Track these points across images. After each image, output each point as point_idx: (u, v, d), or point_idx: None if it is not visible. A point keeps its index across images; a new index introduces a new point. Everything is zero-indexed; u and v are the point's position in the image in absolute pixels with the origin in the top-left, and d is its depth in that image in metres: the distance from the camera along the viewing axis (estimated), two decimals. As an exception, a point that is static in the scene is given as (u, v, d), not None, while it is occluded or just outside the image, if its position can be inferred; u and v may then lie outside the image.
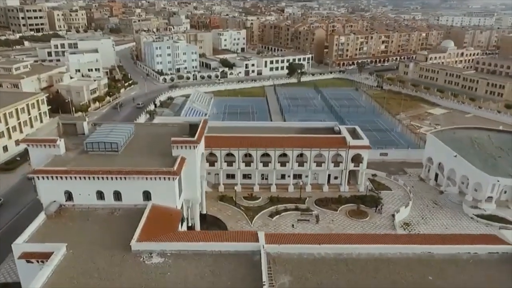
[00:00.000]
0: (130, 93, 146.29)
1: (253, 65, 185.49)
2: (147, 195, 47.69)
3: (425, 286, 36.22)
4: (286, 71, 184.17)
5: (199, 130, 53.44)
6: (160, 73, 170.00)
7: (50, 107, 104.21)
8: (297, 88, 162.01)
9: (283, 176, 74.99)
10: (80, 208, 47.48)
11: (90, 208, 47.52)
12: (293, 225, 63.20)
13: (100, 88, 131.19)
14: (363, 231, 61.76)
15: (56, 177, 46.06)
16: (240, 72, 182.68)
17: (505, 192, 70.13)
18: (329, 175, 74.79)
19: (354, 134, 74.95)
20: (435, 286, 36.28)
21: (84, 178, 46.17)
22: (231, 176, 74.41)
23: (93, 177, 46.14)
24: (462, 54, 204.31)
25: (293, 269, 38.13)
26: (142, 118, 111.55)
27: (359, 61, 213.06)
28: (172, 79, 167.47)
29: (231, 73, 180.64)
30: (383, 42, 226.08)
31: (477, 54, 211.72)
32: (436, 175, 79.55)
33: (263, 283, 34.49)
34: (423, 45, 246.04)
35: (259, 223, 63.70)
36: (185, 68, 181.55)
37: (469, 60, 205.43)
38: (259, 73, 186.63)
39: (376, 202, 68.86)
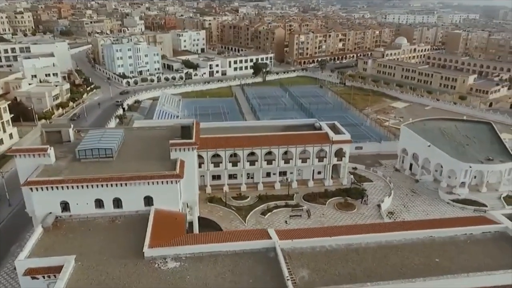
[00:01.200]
0: (93, 98, 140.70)
1: (217, 65, 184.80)
2: (148, 201, 46.73)
3: (433, 268, 38.46)
4: (250, 70, 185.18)
5: (195, 132, 52.93)
6: (123, 76, 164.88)
7: (12, 115, 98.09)
8: (264, 87, 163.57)
9: (268, 174, 75.94)
10: (77, 219, 45.62)
11: (89, 217, 45.80)
12: (286, 221, 64.26)
13: (62, 94, 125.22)
14: (354, 222, 64.10)
15: (52, 188, 43.96)
16: (204, 73, 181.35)
17: (475, 177, 75.49)
18: (313, 171, 76.70)
19: (334, 130, 77.30)
20: (442, 266, 38.64)
21: (82, 187, 44.45)
22: (216, 177, 74.22)
23: (92, 185, 44.53)
24: (414, 50, 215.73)
25: (309, 263, 39.08)
26: (113, 123, 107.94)
27: (319, 59, 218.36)
28: (135, 82, 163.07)
29: (195, 74, 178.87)
30: (340, 40, 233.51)
31: (427, 50, 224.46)
32: (411, 165, 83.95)
33: (286, 277, 35.13)
34: (377, 42, 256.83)
35: (253, 222, 64.17)
36: (148, 70, 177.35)
37: (420, 55, 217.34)
38: (224, 73, 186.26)
39: (361, 194, 71.61)
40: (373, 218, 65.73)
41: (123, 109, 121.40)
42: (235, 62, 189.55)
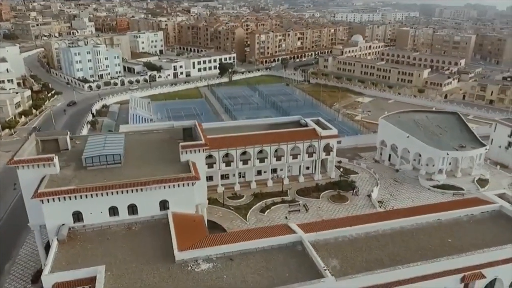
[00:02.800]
0: (56, 104, 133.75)
1: (181, 66, 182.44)
2: (164, 205, 46.07)
3: (448, 247, 41.53)
4: (214, 71, 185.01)
5: (201, 133, 52.76)
6: (84, 80, 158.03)
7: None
8: (232, 87, 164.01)
9: (259, 172, 76.92)
10: (91, 228, 43.97)
11: (103, 226, 44.31)
12: (286, 217, 65.59)
13: (24, 101, 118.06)
14: (349, 213, 66.74)
15: (64, 198, 42.08)
16: (169, 75, 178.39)
17: (450, 163, 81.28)
18: (299, 166, 78.69)
19: (320, 125, 79.80)
20: (455, 246, 41.84)
21: (97, 195, 42.95)
22: (209, 178, 73.82)
23: (107, 193, 43.17)
24: (370, 47, 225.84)
25: (335, 252, 40.72)
26: (85, 130, 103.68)
27: (280, 58, 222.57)
28: (98, 87, 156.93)
29: (159, 76, 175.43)
30: (299, 39, 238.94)
31: (381, 47, 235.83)
32: (389, 155, 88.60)
33: (324, 268, 36.46)
34: (333, 41, 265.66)
35: (254, 220, 64.87)
36: (109, 73, 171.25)
37: (375, 52, 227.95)
38: (188, 74, 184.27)
39: (351, 186, 74.68)
40: (366, 208, 68.82)
41: (92, 114, 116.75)
42: (199, 63, 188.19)
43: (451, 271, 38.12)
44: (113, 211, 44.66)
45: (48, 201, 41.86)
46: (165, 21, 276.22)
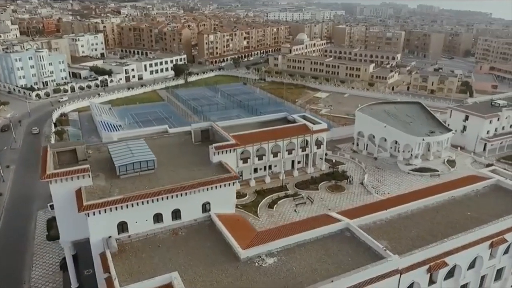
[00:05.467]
0: (5, 116, 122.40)
1: (133, 70, 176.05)
2: (205, 207, 46.16)
3: (470, 220, 46.93)
4: (167, 73, 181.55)
5: (228, 134, 53.24)
6: (30, 89, 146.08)
7: None
8: (191, 89, 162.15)
9: (255, 170, 78.45)
10: (137, 238, 42.87)
11: (148, 235, 43.40)
12: (295, 210, 68.09)
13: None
14: (350, 201, 71.14)
15: (110, 209, 40.57)
16: (121, 79, 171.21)
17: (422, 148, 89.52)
18: (292, 161, 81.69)
19: (307, 120, 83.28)
20: (475, 218, 47.35)
21: (143, 203, 41.99)
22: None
23: (152, 200, 42.36)
24: (314, 44, 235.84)
25: (380, 234, 43.99)
26: (53, 141, 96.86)
27: (228, 57, 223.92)
28: (47, 94, 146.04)
29: (111, 81, 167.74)
30: (245, 38, 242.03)
31: (323, 44, 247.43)
32: (366, 145, 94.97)
33: (383, 248, 39.56)
34: (275, 39, 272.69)
35: (265, 216, 66.43)
36: (54, 80, 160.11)
37: (319, 49, 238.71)
38: (140, 77, 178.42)
39: (344, 176, 79.24)
40: (363, 194, 73.68)
41: (55, 124, 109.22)
42: (151, 65, 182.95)
43: (482, 239, 43.37)
44: (157, 218, 43.88)
45: (94, 214, 40.09)
46: (103, 22, 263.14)
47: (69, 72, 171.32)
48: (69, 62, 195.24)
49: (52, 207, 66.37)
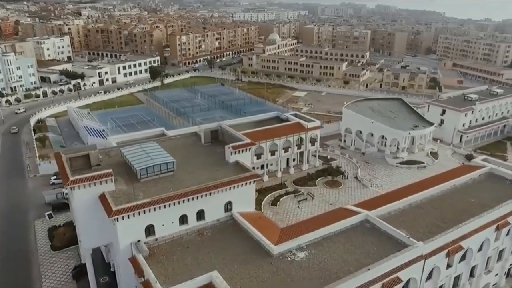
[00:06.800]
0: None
1: (106, 73, 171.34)
2: (227, 206, 46.65)
3: (473, 206, 50.26)
4: (141, 75, 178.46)
5: (239, 133, 53.80)
6: (0, 94, 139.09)
7: None
8: (168, 91, 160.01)
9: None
10: (163, 241, 42.73)
11: (174, 237, 43.36)
12: (298, 206, 69.58)
13: None
14: (348, 195, 73.56)
15: (139, 213, 40.26)
16: (94, 83, 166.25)
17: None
18: (287, 159, 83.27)
19: (299, 118, 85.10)
20: (479, 204, 50.76)
21: (169, 205, 41.94)
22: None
23: (179, 202, 42.39)
24: (286, 44, 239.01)
25: (398, 223, 46.24)
26: (36, 148, 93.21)
27: (201, 58, 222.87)
28: (18, 100, 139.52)
29: (84, 85, 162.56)
30: (216, 39, 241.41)
31: (294, 44, 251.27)
32: (353, 141, 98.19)
33: (407, 236, 41.76)
34: (246, 40, 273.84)
35: (270, 213, 67.22)
36: (22, 85, 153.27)
37: (291, 49, 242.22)
38: (114, 80, 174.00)
39: (339, 171, 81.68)
40: (359, 188, 76.37)
41: (34, 131, 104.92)
42: (124, 67, 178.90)
43: (489, 223, 46.65)
44: (182, 219, 43.93)
45: (123, 218, 39.63)
46: (66, 24, 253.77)
47: (38, 77, 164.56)
48: (36, 66, 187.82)
49: (50, 216, 64.96)
